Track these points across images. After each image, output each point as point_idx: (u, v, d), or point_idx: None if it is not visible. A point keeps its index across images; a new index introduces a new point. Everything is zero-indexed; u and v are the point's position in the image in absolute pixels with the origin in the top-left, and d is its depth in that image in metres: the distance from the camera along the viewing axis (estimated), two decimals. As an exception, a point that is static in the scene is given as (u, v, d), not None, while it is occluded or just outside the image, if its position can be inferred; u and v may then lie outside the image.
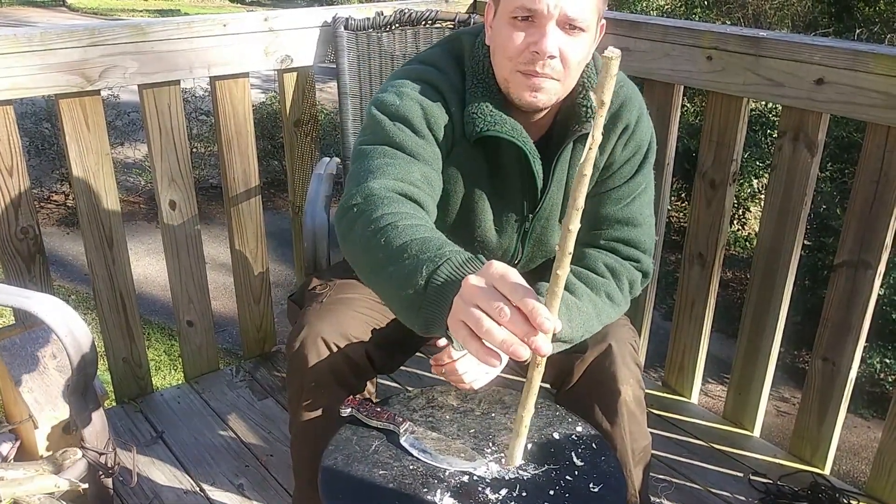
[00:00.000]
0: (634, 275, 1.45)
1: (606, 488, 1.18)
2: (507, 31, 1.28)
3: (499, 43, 1.31)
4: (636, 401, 1.43)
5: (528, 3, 1.24)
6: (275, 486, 2.02)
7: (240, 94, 2.23)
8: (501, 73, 1.34)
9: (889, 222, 1.82)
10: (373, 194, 1.17)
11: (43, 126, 6.25)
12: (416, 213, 1.15)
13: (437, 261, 0.97)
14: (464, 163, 1.42)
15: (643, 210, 1.47)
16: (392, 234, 1.06)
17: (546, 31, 1.25)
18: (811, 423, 2.09)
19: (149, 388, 2.38)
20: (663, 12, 7.43)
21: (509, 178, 1.43)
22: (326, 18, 2.23)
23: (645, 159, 1.46)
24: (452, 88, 1.38)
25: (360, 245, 1.12)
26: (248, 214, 2.38)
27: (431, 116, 1.35)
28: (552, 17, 1.24)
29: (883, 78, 1.70)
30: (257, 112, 6.48)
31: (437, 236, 1.05)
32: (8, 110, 1.88)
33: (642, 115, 1.44)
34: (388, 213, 1.12)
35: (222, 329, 4.38)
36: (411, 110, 1.33)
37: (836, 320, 1.97)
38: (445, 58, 1.41)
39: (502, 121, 1.36)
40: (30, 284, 2.02)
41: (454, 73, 1.39)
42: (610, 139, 1.42)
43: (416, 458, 1.22)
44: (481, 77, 1.37)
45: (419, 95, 1.35)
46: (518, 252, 1.53)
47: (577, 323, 1.35)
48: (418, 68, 1.40)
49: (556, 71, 1.29)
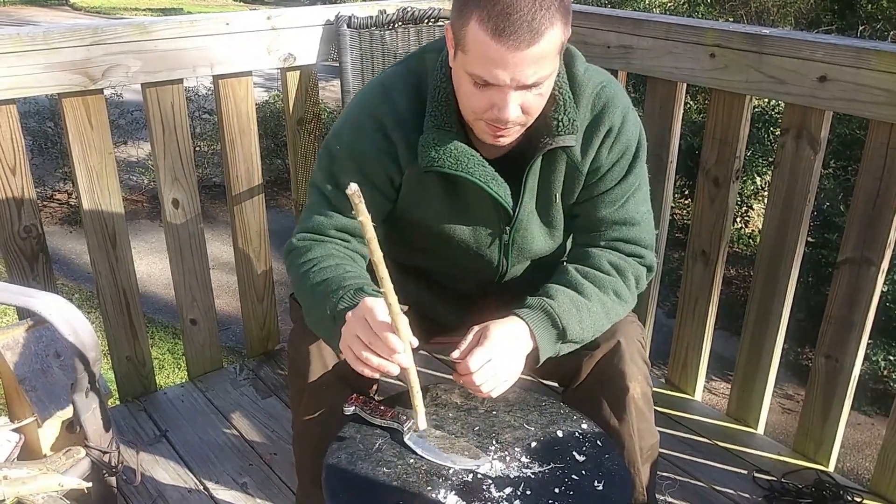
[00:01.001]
0: (639, 270, 1.45)
1: (611, 486, 1.18)
2: (468, 88, 1.25)
3: (461, 92, 1.29)
4: (644, 398, 1.43)
5: (484, 74, 1.20)
6: (279, 484, 2.02)
7: (243, 93, 2.23)
8: (467, 116, 1.32)
9: (892, 219, 1.81)
10: (306, 241, 1.42)
11: (46, 125, 6.25)
12: (335, 255, 1.39)
13: (333, 298, 1.28)
14: (427, 188, 1.41)
15: (639, 208, 1.46)
16: (307, 282, 1.35)
17: (507, 101, 1.22)
18: (815, 421, 2.09)
19: (152, 386, 2.38)
20: (666, 10, 7.41)
21: (474, 200, 1.42)
22: (329, 17, 2.23)
23: (635, 159, 1.43)
24: (400, 120, 1.37)
25: (294, 286, 1.42)
26: (252, 213, 2.38)
27: (365, 164, 1.39)
28: (510, 87, 1.21)
29: (886, 75, 1.70)
30: (260, 110, 6.48)
31: (337, 276, 1.33)
32: (11, 109, 1.88)
33: (627, 115, 1.41)
34: (309, 259, 1.38)
35: (226, 327, 4.38)
36: (347, 158, 1.40)
37: (839, 317, 1.97)
38: (405, 80, 1.40)
39: (447, 154, 1.34)
40: (33, 283, 2.03)
41: (410, 100, 1.38)
42: (593, 143, 1.39)
43: (420, 456, 1.22)
44: (440, 103, 1.35)
45: (358, 141, 1.39)
46: (502, 263, 1.52)
47: (588, 323, 1.35)
48: (374, 99, 1.40)
49: (520, 120, 1.27)
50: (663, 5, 7.40)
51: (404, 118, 1.37)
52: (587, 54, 2.22)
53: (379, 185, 1.42)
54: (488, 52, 1.17)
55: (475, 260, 1.51)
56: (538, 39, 1.16)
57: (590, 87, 1.38)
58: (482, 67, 1.19)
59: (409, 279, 1.59)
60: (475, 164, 1.36)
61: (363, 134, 1.39)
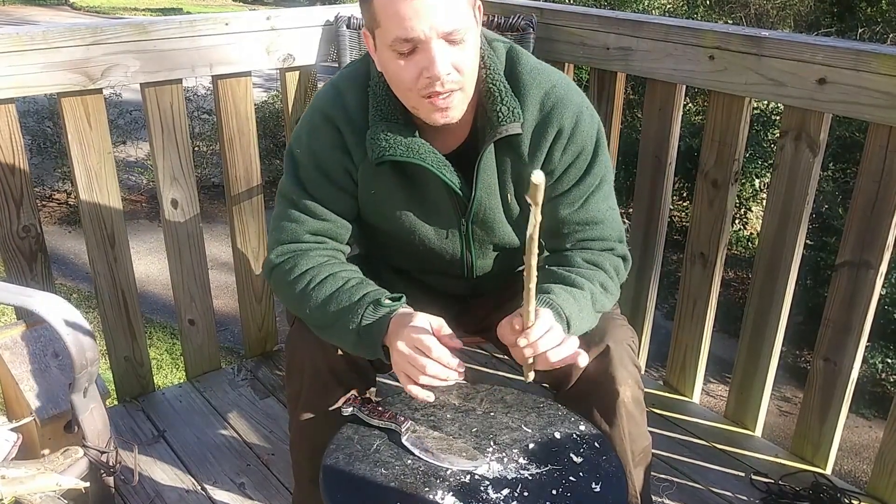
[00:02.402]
0: (615, 261, 1.46)
1: (608, 487, 1.18)
2: (394, 65, 1.27)
3: (391, 76, 1.30)
4: (635, 401, 1.43)
5: (403, 33, 1.22)
6: (276, 484, 2.02)
7: (242, 93, 2.23)
8: (407, 102, 1.34)
9: (891, 222, 1.81)
10: (287, 255, 1.43)
11: (45, 124, 6.25)
12: (324, 263, 1.41)
13: (356, 318, 1.32)
14: (382, 183, 1.43)
15: (600, 206, 1.45)
16: (312, 302, 1.37)
17: (433, 54, 1.23)
18: (813, 423, 2.09)
19: (150, 386, 2.38)
20: (665, 11, 7.41)
21: (429, 190, 1.43)
22: (328, 17, 2.24)
23: (594, 158, 1.42)
24: (349, 118, 1.39)
25: (291, 306, 1.44)
26: (251, 213, 2.38)
27: (323, 161, 1.42)
28: (431, 38, 1.22)
29: (885, 78, 1.70)
30: (259, 111, 6.47)
31: (342, 289, 1.35)
32: (10, 108, 1.88)
33: (581, 115, 1.40)
34: (300, 275, 1.39)
35: (224, 328, 4.38)
36: (307, 159, 1.43)
37: (837, 320, 1.97)
38: (352, 79, 1.43)
39: (397, 143, 1.35)
40: (31, 283, 2.02)
41: (357, 97, 1.40)
42: (542, 145, 1.39)
43: (418, 457, 1.22)
44: (381, 98, 1.37)
45: (313, 140, 1.42)
46: (466, 255, 1.53)
47: (585, 314, 1.37)
48: (325, 98, 1.43)
49: (456, 82, 1.28)
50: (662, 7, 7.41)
51: (352, 115, 1.39)
52: (586, 55, 2.26)
53: (339, 181, 1.43)
54: (397, 9, 1.21)
55: (440, 254, 1.52)
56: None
57: (536, 86, 1.38)
58: (398, 28, 1.22)
59: (400, 280, 1.61)
60: (426, 151, 1.37)
61: (317, 133, 1.42)
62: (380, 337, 1.30)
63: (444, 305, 1.63)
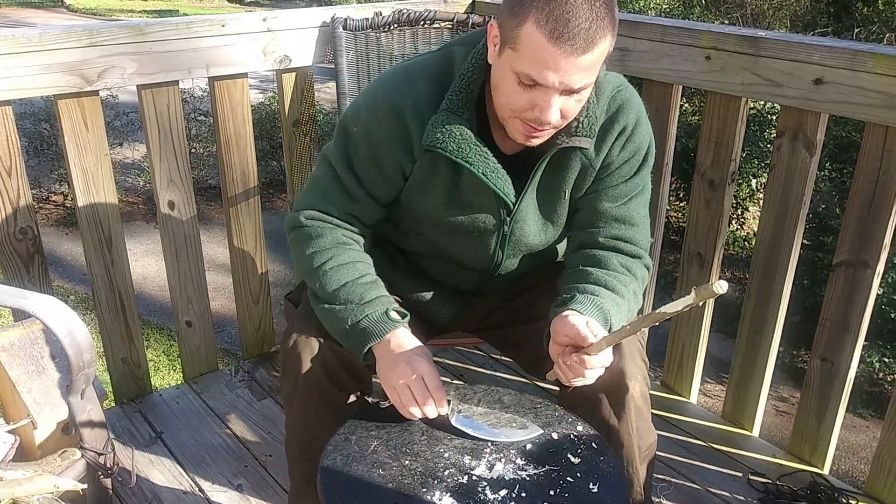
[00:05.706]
0: (643, 272, 1.48)
1: (606, 488, 1.18)
2: (511, 86, 1.26)
3: (502, 90, 1.30)
4: (643, 397, 1.43)
5: (535, 74, 1.22)
6: (273, 486, 2.02)
7: (238, 95, 2.22)
8: (500, 112, 1.34)
9: (888, 222, 1.82)
10: (316, 221, 1.45)
11: (42, 126, 6.25)
12: (345, 252, 1.42)
13: (359, 314, 1.35)
14: (435, 175, 1.42)
15: (640, 210, 1.48)
16: (325, 280, 1.39)
17: (551, 103, 1.24)
18: (810, 423, 2.09)
19: (148, 388, 2.38)
20: (661, 12, 7.42)
21: (476, 190, 1.43)
22: (325, 19, 2.23)
23: (644, 162, 1.46)
24: (418, 110, 1.38)
25: (302, 269, 1.45)
26: (247, 215, 2.38)
27: (377, 150, 1.41)
28: (557, 90, 1.23)
29: (881, 77, 1.70)
30: (256, 112, 6.48)
31: (356, 283, 1.39)
32: (7, 111, 1.88)
33: (641, 119, 1.44)
34: (323, 249, 1.42)
35: (221, 329, 4.38)
36: (362, 142, 1.42)
37: (834, 320, 1.97)
38: (428, 68, 1.41)
39: (451, 139, 1.35)
40: (28, 285, 2.02)
41: (430, 87, 1.39)
42: (606, 141, 1.42)
43: (472, 436, 1.25)
44: (461, 91, 1.36)
45: (373, 127, 1.41)
46: (498, 255, 1.53)
47: (623, 320, 1.38)
48: (393, 85, 1.42)
49: (557, 123, 1.29)
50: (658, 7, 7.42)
51: (421, 104, 1.38)
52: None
53: (389, 173, 1.43)
54: (543, 54, 1.19)
55: (471, 249, 1.52)
56: (592, 48, 1.19)
57: (608, 89, 1.41)
58: (534, 68, 1.21)
59: (404, 275, 1.60)
60: (476, 153, 1.37)
61: (379, 120, 1.40)
62: (371, 342, 1.33)
63: (446, 298, 1.63)
